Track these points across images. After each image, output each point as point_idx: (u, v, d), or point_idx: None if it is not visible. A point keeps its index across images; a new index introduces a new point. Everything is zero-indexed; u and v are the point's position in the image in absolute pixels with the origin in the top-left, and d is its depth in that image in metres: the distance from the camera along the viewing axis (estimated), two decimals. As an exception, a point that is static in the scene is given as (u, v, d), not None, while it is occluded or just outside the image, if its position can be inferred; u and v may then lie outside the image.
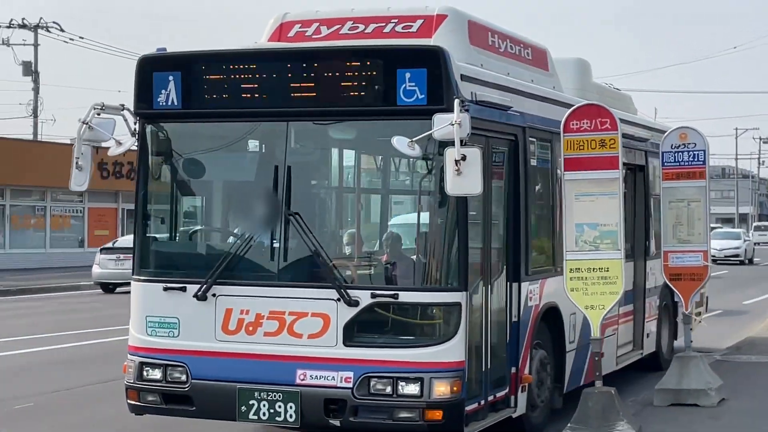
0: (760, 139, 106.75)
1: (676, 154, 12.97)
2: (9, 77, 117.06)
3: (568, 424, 10.36)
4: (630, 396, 12.98)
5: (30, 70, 52.89)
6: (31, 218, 46.62)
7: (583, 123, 10.39)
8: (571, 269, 10.37)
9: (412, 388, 9.00)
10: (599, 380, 10.43)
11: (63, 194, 45.33)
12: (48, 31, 52.57)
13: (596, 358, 10.46)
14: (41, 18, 52.99)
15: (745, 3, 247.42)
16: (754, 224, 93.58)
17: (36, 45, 53.08)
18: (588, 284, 10.26)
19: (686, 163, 12.93)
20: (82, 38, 56.11)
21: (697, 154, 12.89)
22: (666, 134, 13.45)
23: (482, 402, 9.83)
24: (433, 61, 9.06)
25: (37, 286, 33.56)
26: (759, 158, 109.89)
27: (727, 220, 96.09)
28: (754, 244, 63.42)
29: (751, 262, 55.22)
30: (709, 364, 13.14)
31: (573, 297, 10.38)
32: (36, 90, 53.44)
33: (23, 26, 52.27)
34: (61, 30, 52.36)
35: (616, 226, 10.29)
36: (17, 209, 45.87)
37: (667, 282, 13.13)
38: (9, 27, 52.01)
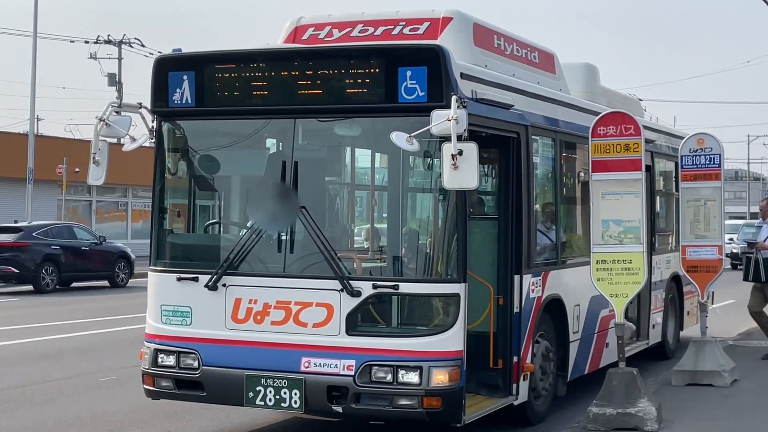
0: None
1: (694, 158, 12.79)
2: (96, 87, 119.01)
3: (594, 401, 9.76)
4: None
5: (114, 80, 52.97)
6: (115, 212, 46.72)
7: (610, 129, 9.98)
8: (597, 261, 9.97)
9: (412, 377, 8.28)
10: (623, 361, 9.94)
11: (143, 191, 45.09)
12: (130, 46, 52.78)
13: (619, 342, 9.98)
14: (124, 34, 53.11)
15: (758, 21, 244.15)
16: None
17: (120, 59, 53.30)
18: (613, 275, 9.87)
19: (703, 166, 12.79)
20: (161, 53, 55.84)
21: (713, 158, 12.76)
22: (685, 139, 13.12)
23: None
24: (433, 60, 8.29)
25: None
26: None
27: (740, 219, 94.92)
28: None
29: None
30: (722, 348, 12.79)
31: (599, 286, 9.98)
32: (120, 98, 53.25)
33: (108, 42, 52.43)
34: (142, 45, 52.60)
35: (639, 222, 9.91)
36: (102, 204, 45.99)
37: (685, 273, 12.82)
38: (96, 42, 52.31)
